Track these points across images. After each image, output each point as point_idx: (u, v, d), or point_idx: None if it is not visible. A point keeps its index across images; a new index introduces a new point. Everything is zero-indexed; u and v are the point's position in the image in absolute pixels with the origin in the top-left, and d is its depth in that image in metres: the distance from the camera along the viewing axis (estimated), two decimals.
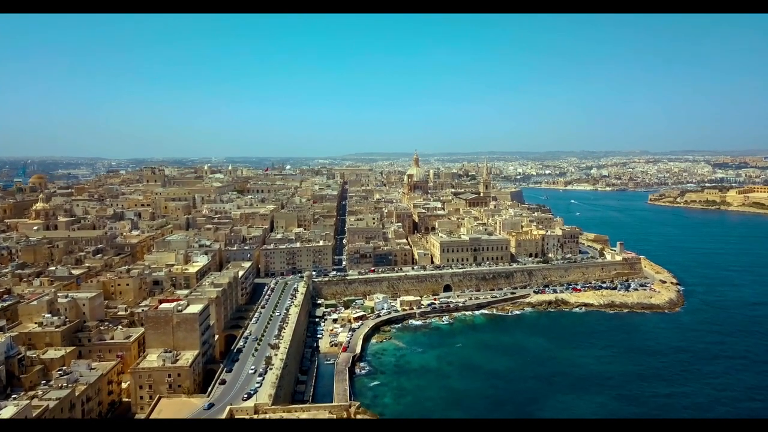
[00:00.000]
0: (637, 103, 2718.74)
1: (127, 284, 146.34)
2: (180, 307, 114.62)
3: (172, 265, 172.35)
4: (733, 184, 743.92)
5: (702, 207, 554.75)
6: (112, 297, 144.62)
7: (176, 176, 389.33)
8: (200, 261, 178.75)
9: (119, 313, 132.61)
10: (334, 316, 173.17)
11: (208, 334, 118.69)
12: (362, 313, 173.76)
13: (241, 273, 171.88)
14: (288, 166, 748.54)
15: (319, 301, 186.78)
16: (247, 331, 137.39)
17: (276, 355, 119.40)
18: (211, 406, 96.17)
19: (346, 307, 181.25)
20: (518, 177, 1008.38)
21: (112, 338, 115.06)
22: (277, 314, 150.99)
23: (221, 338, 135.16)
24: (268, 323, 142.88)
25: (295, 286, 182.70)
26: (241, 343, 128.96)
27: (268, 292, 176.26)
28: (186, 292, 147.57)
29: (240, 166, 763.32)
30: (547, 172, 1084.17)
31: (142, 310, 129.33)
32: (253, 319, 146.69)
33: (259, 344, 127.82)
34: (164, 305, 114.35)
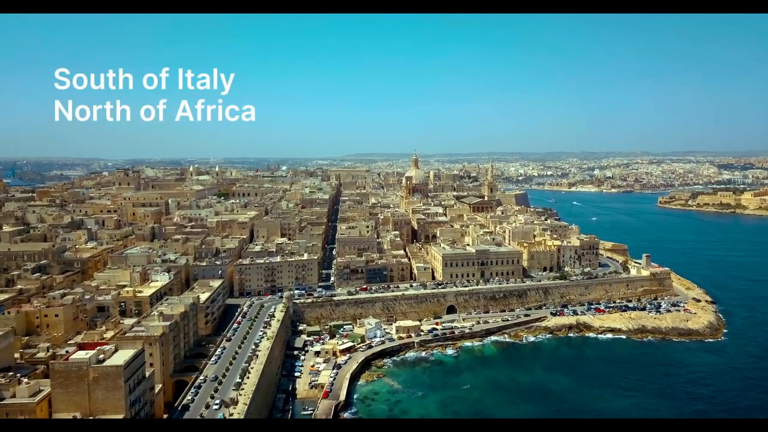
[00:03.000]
0: (638, 103, 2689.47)
1: (57, 315, 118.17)
2: (102, 356, 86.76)
3: (124, 286, 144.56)
4: (741, 186, 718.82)
5: (716, 210, 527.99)
6: (38, 331, 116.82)
7: (159, 178, 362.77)
8: (159, 280, 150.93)
9: (38, 356, 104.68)
10: (317, 347, 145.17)
11: (143, 389, 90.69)
12: (350, 344, 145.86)
13: (205, 296, 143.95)
14: (284, 167, 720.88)
15: (300, 327, 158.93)
16: (203, 376, 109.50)
17: (231, 415, 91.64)
18: None
19: (332, 336, 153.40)
20: (520, 178, 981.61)
21: (14, 396, 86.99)
22: (244, 350, 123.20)
23: (168, 386, 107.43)
24: (231, 364, 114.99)
25: (272, 309, 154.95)
26: (191, 396, 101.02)
27: (239, 317, 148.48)
28: (135, 320, 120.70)
29: (231, 167, 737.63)
30: (549, 173, 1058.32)
31: (66, 351, 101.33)
32: (214, 358, 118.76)
33: (213, 396, 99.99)
34: (79, 354, 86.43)
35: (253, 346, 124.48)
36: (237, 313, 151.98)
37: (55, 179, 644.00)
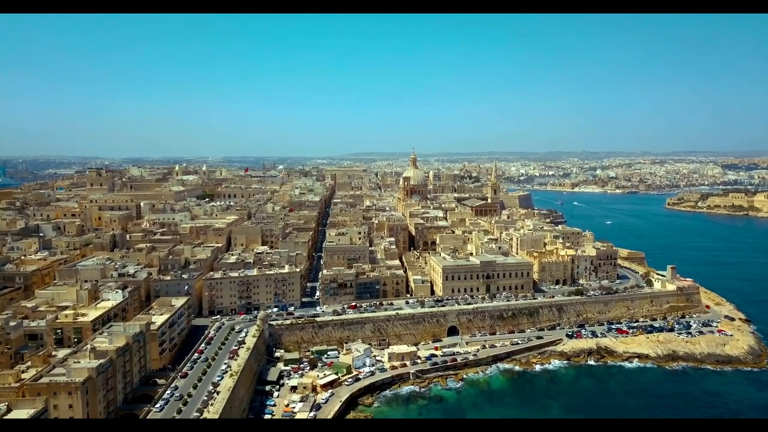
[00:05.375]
0: (638, 103, 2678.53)
1: None
2: None
3: (66, 307, 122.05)
4: (750, 187, 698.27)
5: (728, 212, 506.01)
6: None
7: (140, 177, 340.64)
8: (111, 299, 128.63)
9: None
10: (294, 380, 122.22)
11: None
12: (334, 376, 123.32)
13: (162, 318, 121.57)
14: (280, 166, 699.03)
15: (277, 354, 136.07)
16: None
17: None
18: None
19: (313, 366, 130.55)
20: (521, 178, 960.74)
21: None
22: (200, 391, 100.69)
23: None
24: (180, 411, 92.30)
25: (244, 333, 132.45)
26: None
27: (202, 344, 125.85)
28: (68, 351, 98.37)
29: (229, 166, 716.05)
30: (551, 173, 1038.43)
31: None
32: (161, 403, 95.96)
33: None
34: None
35: (211, 387, 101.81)
36: (202, 338, 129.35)
37: (47, 178, 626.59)
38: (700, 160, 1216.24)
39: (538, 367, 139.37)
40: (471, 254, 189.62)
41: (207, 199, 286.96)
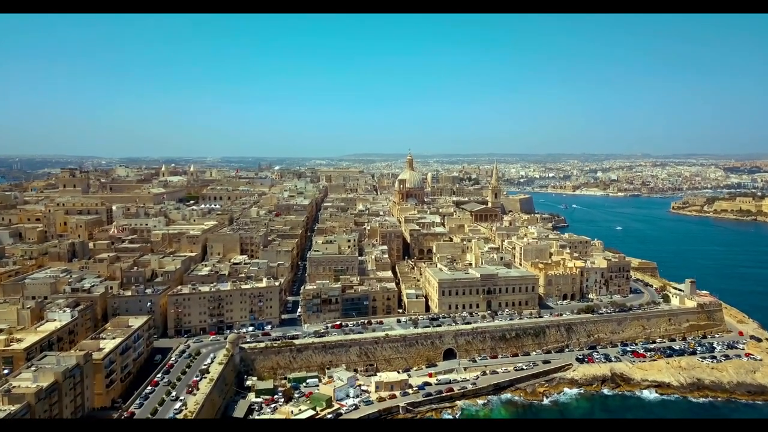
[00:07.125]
0: (638, 104, 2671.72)
1: None
2: None
3: (2, 330, 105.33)
4: (754, 191, 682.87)
5: (735, 217, 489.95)
6: None
7: (127, 178, 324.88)
8: (57, 320, 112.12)
9: None
10: (264, 417, 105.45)
11: None
12: (311, 412, 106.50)
13: (113, 343, 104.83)
14: (277, 167, 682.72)
15: (248, 382, 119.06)
16: None
17: None
18: None
19: (289, 398, 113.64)
20: (521, 180, 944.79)
21: None
22: None
23: None
24: None
25: (210, 359, 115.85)
26: None
27: (159, 373, 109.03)
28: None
29: (219, 167, 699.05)
30: (551, 175, 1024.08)
31: None
32: None
33: None
34: None
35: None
36: (160, 366, 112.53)
37: (41, 177, 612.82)
38: (701, 162, 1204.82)
39: (545, 398, 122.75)
40: (470, 265, 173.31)
41: (191, 202, 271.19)
